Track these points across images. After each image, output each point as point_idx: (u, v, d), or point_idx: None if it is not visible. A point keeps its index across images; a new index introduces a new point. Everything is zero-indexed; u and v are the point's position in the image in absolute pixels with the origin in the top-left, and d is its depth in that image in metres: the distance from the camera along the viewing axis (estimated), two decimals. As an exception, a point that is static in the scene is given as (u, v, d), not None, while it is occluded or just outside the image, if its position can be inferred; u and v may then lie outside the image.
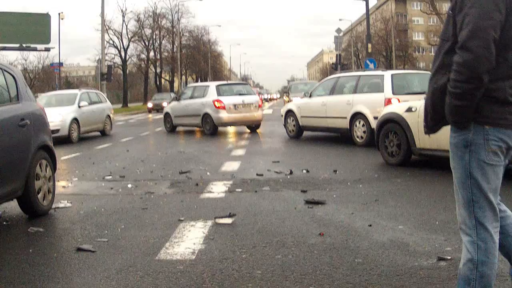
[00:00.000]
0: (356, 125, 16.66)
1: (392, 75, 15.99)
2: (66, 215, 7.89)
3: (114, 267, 5.35)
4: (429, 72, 17.45)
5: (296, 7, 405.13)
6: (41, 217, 7.71)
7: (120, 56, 78.86)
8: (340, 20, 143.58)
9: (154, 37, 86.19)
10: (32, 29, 43.69)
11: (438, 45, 3.45)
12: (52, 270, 5.32)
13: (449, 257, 5.27)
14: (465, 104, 3.14)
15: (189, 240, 6.27)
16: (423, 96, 14.32)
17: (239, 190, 9.49)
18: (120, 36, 78.22)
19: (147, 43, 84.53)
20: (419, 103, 11.35)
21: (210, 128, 22.96)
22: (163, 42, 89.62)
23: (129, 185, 10.32)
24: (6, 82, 7.66)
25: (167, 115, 26.68)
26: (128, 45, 79.85)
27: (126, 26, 79.57)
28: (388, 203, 8.05)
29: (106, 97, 27.32)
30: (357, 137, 16.64)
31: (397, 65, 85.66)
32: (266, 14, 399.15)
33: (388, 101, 15.19)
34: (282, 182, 10.13)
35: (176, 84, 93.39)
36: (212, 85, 23.98)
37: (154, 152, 16.40)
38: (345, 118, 16.99)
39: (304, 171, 11.35)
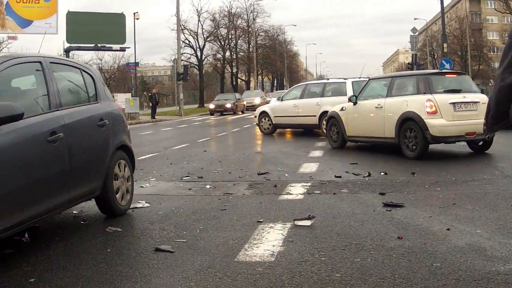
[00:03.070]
0: (324, 122, 20.12)
1: (352, 82, 21.03)
2: (144, 215, 7.95)
3: (193, 268, 5.35)
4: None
5: (371, 6, 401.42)
6: (119, 217, 7.77)
7: (196, 56, 79.62)
8: (415, 19, 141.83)
9: (229, 37, 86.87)
10: (107, 29, 44.80)
11: (506, 43, 3.33)
12: (131, 270, 5.35)
13: (526, 263, 5.11)
14: None
15: (268, 242, 6.23)
16: (347, 97, 19.13)
17: (318, 192, 9.40)
18: (195, 36, 78.96)
19: (223, 43, 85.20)
20: (347, 104, 16.33)
21: None
22: (238, 42, 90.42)
23: (208, 186, 10.37)
24: (84, 82, 7.72)
25: None
26: (204, 45, 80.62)
27: (202, 26, 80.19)
28: (465, 206, 7.88)
29: None
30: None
31: (472, 65, 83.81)
32: (341, 12, 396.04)
33: None
34: (360, 184, 10.01)
35: (252, 84, 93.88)
36: None
37: (232, 153, 16.51)
38: (315, 116, 21.45)
39: (382, 173, 11.21)
